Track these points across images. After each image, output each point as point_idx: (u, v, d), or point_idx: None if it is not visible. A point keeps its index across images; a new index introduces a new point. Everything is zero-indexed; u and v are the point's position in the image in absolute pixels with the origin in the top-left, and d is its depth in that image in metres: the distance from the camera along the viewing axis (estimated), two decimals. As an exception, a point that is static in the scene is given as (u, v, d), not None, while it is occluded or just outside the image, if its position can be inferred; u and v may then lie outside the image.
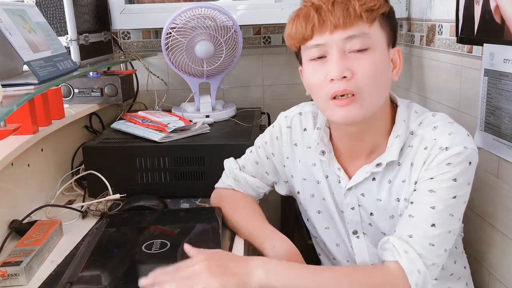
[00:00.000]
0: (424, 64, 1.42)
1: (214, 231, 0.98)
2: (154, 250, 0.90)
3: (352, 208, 0.96)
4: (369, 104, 0.84)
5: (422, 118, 0.91)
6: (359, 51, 0.82)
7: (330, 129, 0.98)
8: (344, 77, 0.81)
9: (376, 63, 0.83)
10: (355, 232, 0.99)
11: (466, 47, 1.16)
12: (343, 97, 0.83)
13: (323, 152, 0.96)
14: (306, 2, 0.85)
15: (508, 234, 1.02)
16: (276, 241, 0.92)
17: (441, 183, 0.84)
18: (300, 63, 0.92)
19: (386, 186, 0.92)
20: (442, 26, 1.30)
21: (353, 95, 0.82)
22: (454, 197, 0.84)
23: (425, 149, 0.87)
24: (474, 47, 1.12)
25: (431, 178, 0.85)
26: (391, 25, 0.87)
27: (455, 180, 0.83)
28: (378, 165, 0.91)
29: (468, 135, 0.87)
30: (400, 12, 1.60)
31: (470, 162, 0.85)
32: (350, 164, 0.96)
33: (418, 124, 0.90)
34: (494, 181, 1.06)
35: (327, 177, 0.99)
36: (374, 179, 0.93)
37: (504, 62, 0.98)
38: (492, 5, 1.02)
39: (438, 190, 0.84)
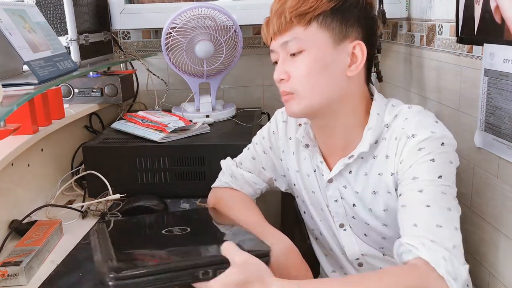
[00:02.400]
0: (424, 64, 1.42)
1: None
2: (176, 233, 0.87)
3: (336, 201, 0.99)
4: (306, 101, 0.89)
5: (398, 110, 0.91)
6: (293, 54, 0.89)
7: None
8: (282, 79, 0.90)
9: (309, 64, 0.87)
10: (341, 225, 1.01)
11: (466, 47, 1.16)
12: (286, 95, 0.91)
13: (307, 146, 1.00)
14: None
15: (509, 235, 1.02)
16: (274, 239, 0.92)
17: (420, 166, 0.83)
18: None
19: (362, 179, 0.94)
20: (442, 26, 1.30)
21: (292, 93, 0.90)
22: (440, 176, 0.81)
23: (395, 139, 0.88)
24: (474, 47, 1.12)
25: (410, 167, 0.84)
26: (342, 20, 0.87)
27: (432, 160, 0.82)
28: (350, 157, 0.93)
29: (437, 122, 0.88)
30: (400, 12, 1.59)
31: (443, 143, 0.83)
32: (332, 157, 0.98)
33: (394, 116, 0.91)
34: (494, 181, 1.06)
35: (315, 170, 1.02)
36: (350, 171, 0.95)
37: (504, 62, 0.98)
38: (492, 5, 1.02)
39: (420, 175, 0.82)
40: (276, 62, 0.93)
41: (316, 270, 1.26)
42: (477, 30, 1.09)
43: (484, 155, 1.09)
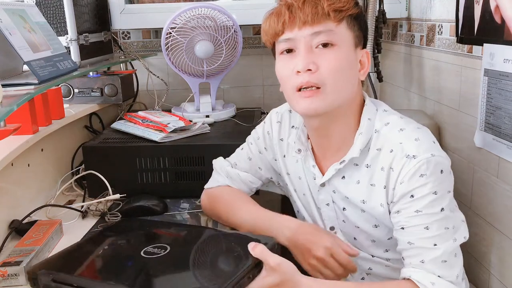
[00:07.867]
0: (424, 64, 1.42)
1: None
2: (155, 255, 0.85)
3: (327, 204, 0.99)
4: (332, 97, 0.88)
5: (390, 119, 0.92)
6: (324, 46, 0.87)
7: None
8: (309, 70, 0.86)
9: (340, 59, 0.87)
10: (332, 228, 1.01)
11: (466, 47, 1.16)
12: (307, 89, 0.87)
13: (299, 150, 0.99)
14: (280, 1, 0.91)
15: (508, 234, 1.02)
16: (286, 222, 0.96)
17: (423, 200, 0.84)
18: (275, 58, 0.96)
19: (354, 186, 0.93)
20: (442, 26, 1.30)
21: (318, 88, 0.87)
22: (442, 209, 0.84)
23: (391, 152, 0.88)
24: (474, 47, 1.12)
25: (411, 196, 0.85)
26: (360, 27, 0.91)
27: (435, 193, 0.84)
28: (342, 162, 0.93)
29: (434, 142, 0.88)
30: (400, 12, 1.60)
31: (442, 171, 0.84)
32: (324, 162, 0.98)
33: (385, 123, 0.91)
34: (494, 181, 1.06)
35: (306, 174, 1.02)
36: (343, 177, 0.95)
37: (504, 62, 0.98)
38: (492, 5, 1.02)
39: (424, 209, 0.84)
40: (289, 51, 0.89)
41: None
42: (477, 30, 1.09)
43: (484, 155, 1.09)
